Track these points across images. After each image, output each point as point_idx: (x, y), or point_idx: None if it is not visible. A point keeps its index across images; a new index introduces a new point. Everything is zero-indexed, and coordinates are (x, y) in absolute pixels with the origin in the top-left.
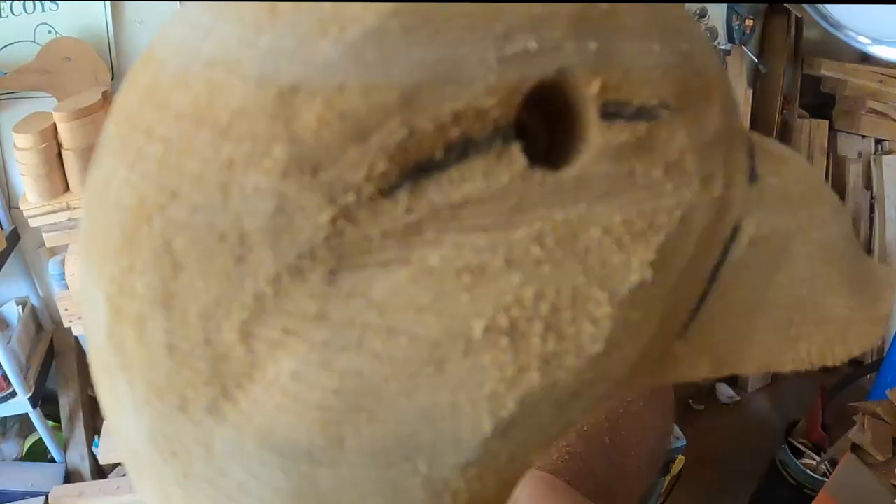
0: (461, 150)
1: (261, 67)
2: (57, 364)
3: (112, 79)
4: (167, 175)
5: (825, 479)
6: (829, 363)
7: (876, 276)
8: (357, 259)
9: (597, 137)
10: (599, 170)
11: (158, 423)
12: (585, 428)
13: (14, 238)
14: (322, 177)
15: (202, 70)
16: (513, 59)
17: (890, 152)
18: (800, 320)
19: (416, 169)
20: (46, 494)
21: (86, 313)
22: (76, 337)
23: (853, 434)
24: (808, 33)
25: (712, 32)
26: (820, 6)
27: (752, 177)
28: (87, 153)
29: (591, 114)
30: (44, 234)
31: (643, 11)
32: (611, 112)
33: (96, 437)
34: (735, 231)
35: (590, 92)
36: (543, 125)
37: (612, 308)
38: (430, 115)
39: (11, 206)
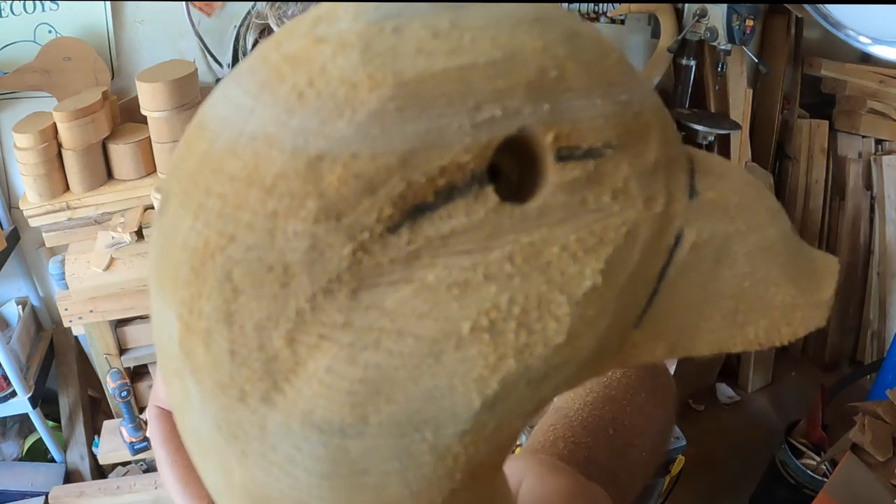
0: (447, 194)
1: (293, 142)
2: (57, 364)
3: (112, 78)
4: (225, 223)
5: (825, 480)
6: (777, 343)
7: (818, 265)
8: (372, 280)
9: (553, 176)
10: (557, 201)
11: (222, 412)
12: (590, 419)
13: (14, 238)
14: (344, 221)
15: (248, 142)
16: (483, 124)
17: (890, 152)
18: (745, 308)
19: (413, 211)
20: (46, 494)
21: (157, 328)
22: (76, 337)
23: (853, 434)
24: (809, 33)
25: (713, 32)
26: (820, 6)
27: (692, 193)
28: (86, 153)
29: (548, 158)
30: (44, 234)
31: (586, 74)
32: (564, 155)
33: (96, 437)
34: (678, 239)
35: (545, 142)
36: (515, 164)
37: (571, 307)
38: (422, 171)
39: (11, 206)
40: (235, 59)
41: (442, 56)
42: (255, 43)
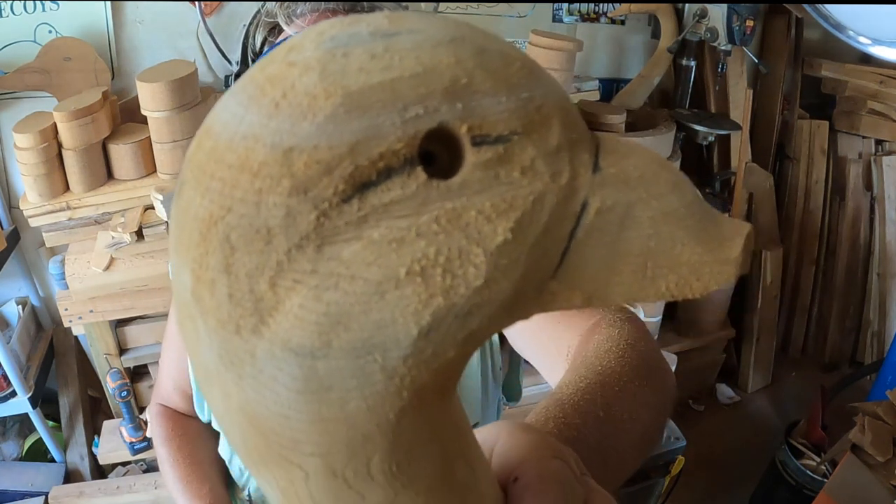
0: (386, 173)
1: (272, 139)
2: (57, 364)
3: (112, 78)
4: (224, 199)
5: (825, 480)
6: (689, 296)
7: (724, 229)
8: (332, 238)
9: (471, 157)
10: (474, 176)
11: (223, 344)
12: (582, 403)
13: (14, 238)
14: (310, 195)
15: (240, 140)
16: (410, 121)
17: (890, 153)
18: (654, 264)
19: (361, 186)
20: (46, 494)
21: (175, 283)
22: (76, 337)
23: (853, 435)
24: (809, 34)
25: (713, 33)
26: (820, 6)
27: (595, 169)
28: (86, 153)
29: (465, 144)
30: (44, 234)
31: (491, 80)
32: (478, 141)
33: (96, 437)
34: (584, 206)
35: (461, 132)
36: (445, 150)
37: (486, 257)
38: (366, 156)
39: (11, 206)
40: (245, 57)
41: (378, 72)
42: (265, 40)
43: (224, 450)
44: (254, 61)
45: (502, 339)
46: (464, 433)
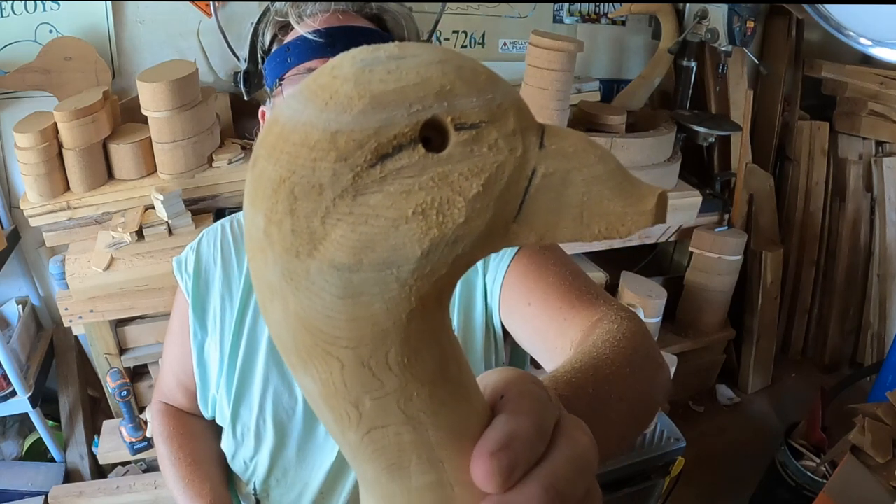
0: (398, 149)
1: (324, 125)
2: (57, 364)
3: (113, 78)
4: (290, 165)
5: (825, 481)
6: (616, 237)
7: (642, 189)
8: (363, 191)
9: (454, 138)
10: (457, 151)
11: (286, 265)
12: (574, 380)
13: (14, 238)
14: (348, 162)
15: (302, 126)
16: (413, 114)
17: (891, 154)
18: (588, 214)
19: (382, 157)
20: (46, 494)
21: (249, 226)
22: (76, 337)
23: (853, 436)
24: (809, 35)
25: (713, 34)
26: (821, 7)
27: (541, 146)
28: (87, 153)
29: (450, 129)
30: (44, 234)
31: (466, 86)
32: (458, 127)
33: (96, 436)
34: (534, 172)
35: (447, 121)
36: (438, 135)
37: (465, 203)
38: (385, 137)
39: (12, 206)
40: (253, 54)
41: (392, 82)
42: (274, 38)
43: (227, 445)
44: (263, 60)
45: (505, 334)
46: (455, 345)
